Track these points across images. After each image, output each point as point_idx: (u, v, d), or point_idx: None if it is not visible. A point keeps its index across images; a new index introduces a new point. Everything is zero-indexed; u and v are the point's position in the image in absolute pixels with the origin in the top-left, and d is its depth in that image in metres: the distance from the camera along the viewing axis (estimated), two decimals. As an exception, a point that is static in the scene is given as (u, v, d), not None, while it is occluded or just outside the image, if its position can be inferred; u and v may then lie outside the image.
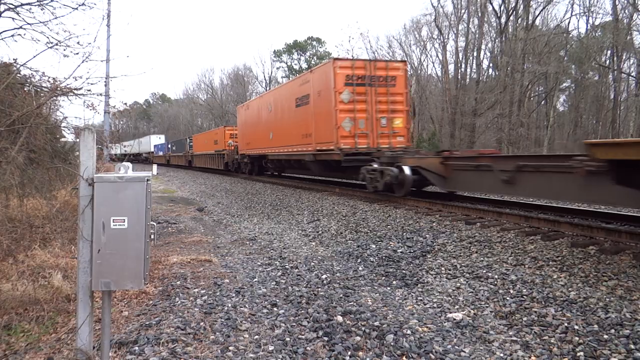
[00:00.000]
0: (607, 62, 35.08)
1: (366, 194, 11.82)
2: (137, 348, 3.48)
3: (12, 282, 4.51)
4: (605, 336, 3.58)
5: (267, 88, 60.78)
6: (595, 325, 3.76)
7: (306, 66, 57.17)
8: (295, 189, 15.35)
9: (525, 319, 4.06)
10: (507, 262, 5.63)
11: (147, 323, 4.01)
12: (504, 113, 31.78)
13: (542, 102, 38.22)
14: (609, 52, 35.04)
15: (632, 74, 33.49)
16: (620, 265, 5.04)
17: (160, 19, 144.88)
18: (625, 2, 31.71)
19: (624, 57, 33.96)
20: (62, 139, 11.36)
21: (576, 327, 3.78)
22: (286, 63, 57.74)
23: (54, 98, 7.37)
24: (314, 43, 57.33)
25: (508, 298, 4.54)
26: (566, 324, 3.84)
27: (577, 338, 3.60)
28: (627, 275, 4.72)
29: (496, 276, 5.18)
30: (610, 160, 5.06)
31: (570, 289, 4.55)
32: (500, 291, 4.75)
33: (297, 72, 57.90)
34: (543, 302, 4.34)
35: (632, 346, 3.39)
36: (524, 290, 4.69)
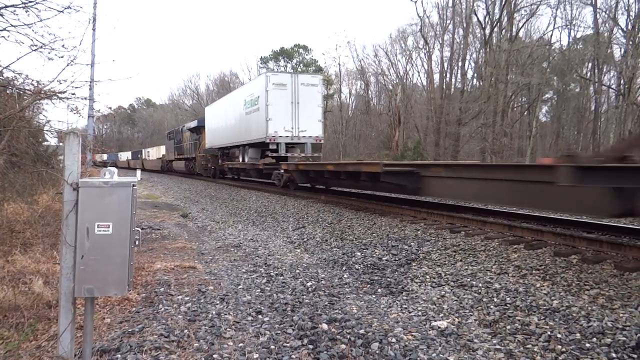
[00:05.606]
0: (588, 74, 35.84)
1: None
2: (119, 356, 3.43)
3: (-9, 288, 4.42)
4: (588, 345, 3.62)
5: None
6: (578, 334, 3.81)
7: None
8: (280, 196, 15.31)
9: (509, 327, 4.10)
10: (491, 270, 5.67)
11: (129, 330, 3.94)
12: (488, 123, 32.24)
13: (525, 113, 38.87)
14: (590, 64, 35.84)
15: (612, 86, 34.23)
16: (601, 274, 5.12)
17: (147, 23, 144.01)
18: (606, 16, 32.51)
19: (604, 70, 34.78)
20: (45, 143, 11.22)
21: (559, 335, 3.82)
22: (272, 70, 57.81)
23: (37, 101, 7.26)
24: (301, 50, 57.42)
25: (492, 306, 4.58)
26: (549, 333, 3.88)
27: (559, 346, 3.64)
28: (608, 284, 4.79)
29: (480, 285, 5.22)
30: None
31: (553, 298, 4.60)
32: (484, 299, 4.78)
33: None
34: (526, 311, 4.38)
35: (614, 355, 3.43)
36: (508, 298, 4.73)
